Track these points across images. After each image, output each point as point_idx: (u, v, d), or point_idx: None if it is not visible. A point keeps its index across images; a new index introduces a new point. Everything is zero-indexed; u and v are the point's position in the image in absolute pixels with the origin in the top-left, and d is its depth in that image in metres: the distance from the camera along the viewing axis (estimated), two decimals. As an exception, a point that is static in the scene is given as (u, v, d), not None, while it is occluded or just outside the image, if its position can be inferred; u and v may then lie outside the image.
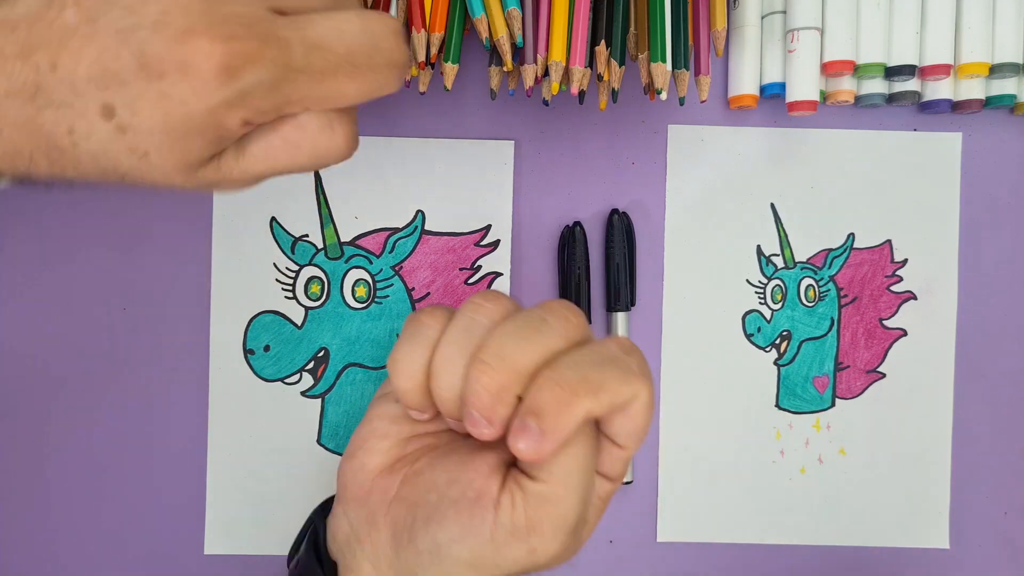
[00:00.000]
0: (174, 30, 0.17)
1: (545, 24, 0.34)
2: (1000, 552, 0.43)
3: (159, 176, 0.19)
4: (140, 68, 0.17)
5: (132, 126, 0.18)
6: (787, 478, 0.43)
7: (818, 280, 0.43)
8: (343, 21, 0.19)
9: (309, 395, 0.42)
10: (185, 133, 0.18)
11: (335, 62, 0.19)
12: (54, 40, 0.18)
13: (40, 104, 0.18)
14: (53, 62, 0.18)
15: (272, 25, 0.18)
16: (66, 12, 0.17)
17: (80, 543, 0.42)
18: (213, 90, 0.17)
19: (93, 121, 0.18)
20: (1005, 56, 0.40)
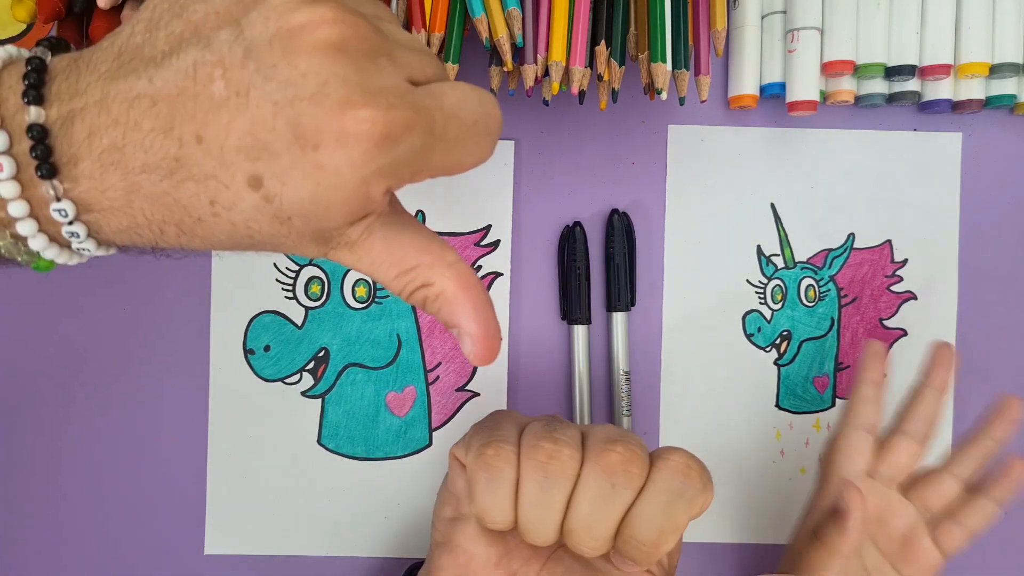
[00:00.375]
0: (334, 101, 0.17)
1: (545, 24, 0.34)
2: (998, 552, 0.43)
3: (292, 244, 0.19)
4: (295, 139, 0.17)
5: (280, 195, 0.18)
6: (787, 478, 0.43)
7: (818, 280, 0.43)
8: (464, 92, 0.20)
9: (309, 395, 0.42)
10: (333, 202, 0.18)
11: (465, 131, 0.20)
12: (200, 113, 0.18)
13: (180, 178, 0.18)
14: (198, 135, 0.18)
15: (416, 96, 0.19)
16: (214, 85, 0.17)
17: (80, 543, 0.42)
18: (371, 158, 0.18)
19: (239, 192, 0.18)
20: (1005, 56, 0.40)
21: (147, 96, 0.18)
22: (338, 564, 0.42)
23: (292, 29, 0.17)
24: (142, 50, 0.18)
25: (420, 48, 0.20)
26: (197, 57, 0.18)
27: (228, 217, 0.18)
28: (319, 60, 0.17)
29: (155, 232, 0.19)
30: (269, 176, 0.18)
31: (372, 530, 0.42)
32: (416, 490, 0.42)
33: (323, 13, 0.17)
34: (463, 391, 0.43)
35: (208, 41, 0.18)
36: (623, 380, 0.42)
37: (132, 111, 0.18)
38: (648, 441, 0.43)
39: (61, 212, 0.18)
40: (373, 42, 0.18)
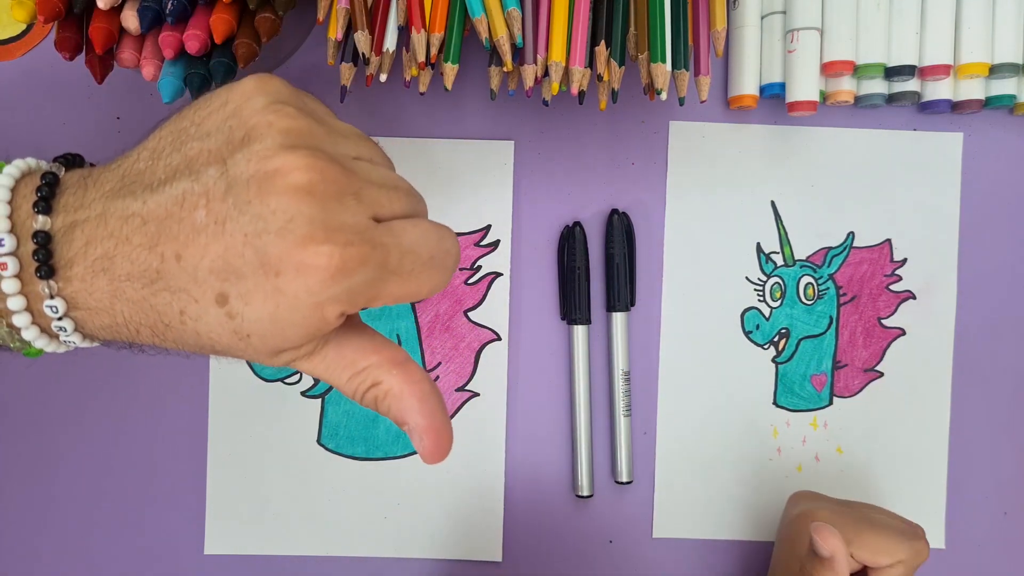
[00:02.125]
0: (297, 236, 0.19)
1: (545, 24, 0.34)
2: (996, 552, 0.43)
3: (251, 355, 0.22)
4: (260, 265, 0.20)
5: (242, 314, 0.20)
6: (784, 476, 0.43)
7: (817, 278, 0.43)
8: (424, 230, 0.22)
9: (309, 395, 0.42)
10: (290, 323, 0.20)
11: (420, 265, 0.22)
12: (182, 235, 0.20)
13: (158, 288, 0.21)
14: (178, 253, 0.20)
15: (375, 232, 0.21)
16: (197, 212, 0.20)
17: (80, 542, 0.42)
18: (326, 287, 0.20)
19: (206, 306, 0.20)
20: (1005, 56, 0.40)
21: (140, 215, 0.21)
22: (338, 564, 0.43)
23: (268, 172, 0.20)
24: (143, 176, 0.21)
25: (392, 185, 0.22)
26: (187, 188, 0.20)
27: (194, 327, 0.21)
28: (288, 200, 0.20)
29: (132, 332, 0.22)
30: (235, 295, 0.20)
31: (372, 530, 0.42)
32: (416, 490, 0.43)
33: (296, 160, 0.20)
34: (463, 391, 0.43)
35: (198, 175, 0.21)
36: (622, 380, 0.42)
37: (125, 227, 0.21)
38: (647, 441, 0.43)
39: (52, 308, 0.21)
40: (340, 184, 0.20)
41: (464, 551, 0.43)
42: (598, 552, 0.43)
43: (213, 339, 0.21)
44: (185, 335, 0.21)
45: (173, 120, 0.22)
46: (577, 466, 0.42)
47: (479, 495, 0.43)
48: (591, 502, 0.43)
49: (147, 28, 0.33)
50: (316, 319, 0.21)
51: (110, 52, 0.34)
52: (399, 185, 0.23)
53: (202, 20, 0.33)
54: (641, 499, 0.43)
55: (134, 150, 0.22)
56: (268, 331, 0.21)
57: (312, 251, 0.19)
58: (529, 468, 0.43)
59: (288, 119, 0.21)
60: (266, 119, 0.21)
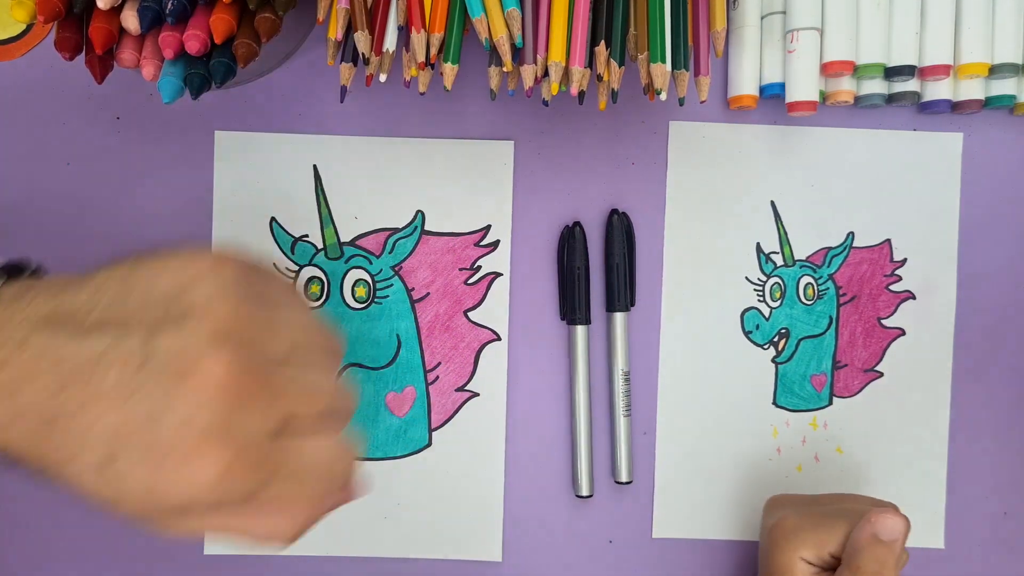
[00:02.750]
0: (192, 433, 0.20)
1: (545, 24, 0.34)
2: (995, 552, 0.43)
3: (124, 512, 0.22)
4: (149, 447, 0.20)
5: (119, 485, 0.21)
6: (783, 476, 0.43)
7: (817, 278, 0.43)
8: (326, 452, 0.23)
9: (309, 395, 0.42)
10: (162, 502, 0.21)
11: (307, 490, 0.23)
12: (88, 390, 0.20)
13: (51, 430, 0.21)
14: (78, 409, 0.20)
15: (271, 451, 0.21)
16: (109, 375, 0.20)
17: (80, 543, 0.42)
18: (200, 489, 0.20)
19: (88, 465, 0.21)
20: (1005, 56, 0.40)
21: (56, 357, 0.20)
22: (338, 564, 0.43)
23: (186, 363, 0.20)
24: (76, 315, 0.21)
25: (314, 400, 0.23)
26: (108, 347, 0.20)
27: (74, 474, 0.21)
28: (194, 396, 0.20)
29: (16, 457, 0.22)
30: (116, 467, 0.20)
31: (372, 530, 0.42)
32: (416, 490, 0.43)
33: (216, 359, 0.20)
34: (463, 391, 0.43)
35: (121, 338, 0.21)
36: (622, 380, 0.42)
37: (38, 363, 0.20)
38: (647, 441, 0.43)
39: None
40: (251, 393, 0.21)
41: (464, 551, 0.43)
42: (598, 552, 0.43)
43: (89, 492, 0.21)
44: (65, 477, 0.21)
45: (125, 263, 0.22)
46: (577, 466, 0.42)
47: (479, 495, 0.43)
48: (591, 502, 0.43)
49: (147, 28, 0.33)
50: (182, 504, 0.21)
51: (110, 52, 0.34)
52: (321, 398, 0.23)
53: (202, 20, 0.33)
54: (641, 499, 0.43)
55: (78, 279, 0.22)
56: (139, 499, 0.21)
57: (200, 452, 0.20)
58: (529, 468, 0.43)
59: (226, 309, 0.21)
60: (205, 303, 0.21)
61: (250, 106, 0.42)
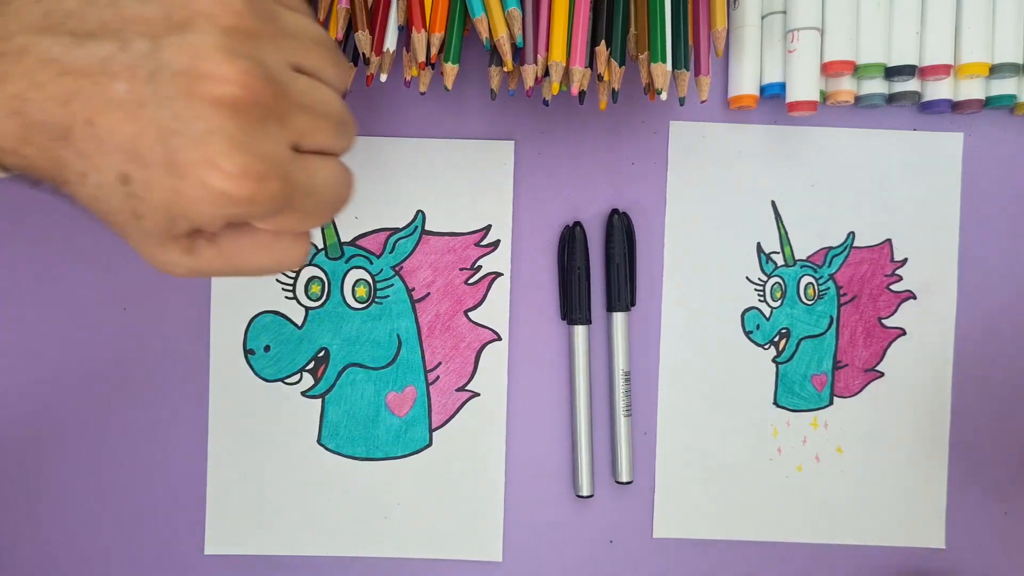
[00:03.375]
0: (210, 152, 0.19)
1: (545, 24, 0.34)
2: (996, 552, 0.43)
3: (137, 236, 0.21)
4: (167, 163, 0.19)
5: (140, 197, 0.20)
6: (784, 476, 0.43)
7: (818, 278, 0.43)
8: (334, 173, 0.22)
9: (309, 395, 0.42)
10: (182, 218, 0.20)
11: (315, 206, 0.22)
12: (97, 101, 0.19)
13: (64, 144, 0.20)
14: (90, 119, 0.19)
15: (291, 167, 0.20)
16: (117, 83, 0.19)
17: (80, 543, 0.42)
18: (224, 207, 0.20)
19: (107, 179, 0.20)
20: (1005, 56, 0.40)
21: (59, 63, 0.19)
22: (338, 564, 0.43)
23: (197, 75, 0.19)
24: (70, 18, 0.20)
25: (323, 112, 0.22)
26: (112, 52, 0.19)
27: (93, 192, 0.20)
28: (210, 111, 0.19)
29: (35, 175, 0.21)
30: (136, 180, 0.20)
31: (372, 530, 0.42)
32: (416, 490, 0.43)
33: (229, 72, 0.19)
34: (463, 391, 0.43)
35: (127, 43, 0.19)
36: (623, 380, 0.42)
37: (42, 72, 0.19)
38: (647, 441, 0.43)
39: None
40: (268, 106, 0.20)
41: (464, 551, 0.43)
42: (598, 552, 0.43)
43: (109, 210, 0.21)
44: (83, 195, 0.21)
45: None
46: (577, 466, 0.42)
47: (479, 494, 0.43)
48: (591, 502, 0.43)
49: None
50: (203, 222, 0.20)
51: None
52: (331, 112, 0.22)
53: (202, 20, 0.33)
54: (641, 499, 0.43)
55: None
56: (160, 219, 0.20)
57: (221, 174, 0.19)
58: (529, 468, 0.43)
59: (233, 15, 0.20)
60: (211, 9, 0.20)
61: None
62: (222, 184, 0.19)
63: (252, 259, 0.22)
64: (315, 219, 0.22)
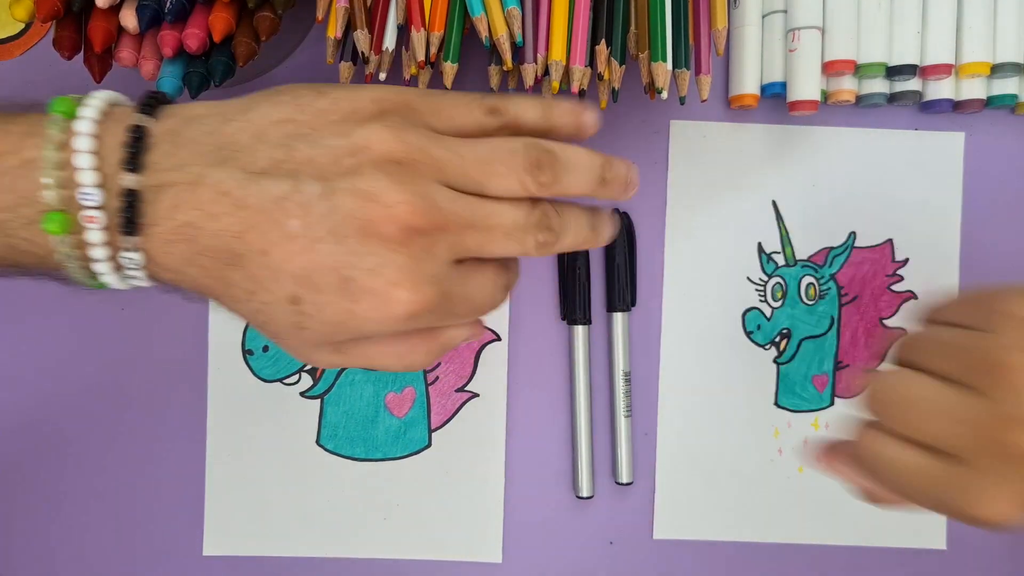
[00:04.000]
0: (384, 280, 0.21)
1: (545, 23, 0.34)
2: (996, 554, 0.43)
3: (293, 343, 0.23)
4: (341, 289, 0.21)
5: (309, 315, 0.21)
6: (785, 477, 0.43)
7: (819, 278, 0.43)
8: (489, 279, 0.24)
9: (308, 395, 0.42)
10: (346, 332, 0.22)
11: (469, 310, 0.23)
12: (272, 235, 0.20)
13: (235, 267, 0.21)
14: (265, 250, 0.21)
15: (451, 281, 0.22)
16: (292, 221, 0.20)
17: (78, 544, 0.42)
18: (393, 323, 0.21)
19: (277, 299, 0.21)
20: (1006, 56, 0.40)
21: (233, 197, 0.20)
22: (337, 565, 0.42)
23: (369, 217, 0.21)
24: (242, 155, 0.21)
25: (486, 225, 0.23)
26: (287, 191, 0.21)
27: (259, 306, 0.22)
28: (383, 247, 0.21)
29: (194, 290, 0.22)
30: (308, 302, 0.21)
31: (371, 531, 0.42)
32: (415, 491, 0.42)
33: (399, 206, 0.21)
34: (462, 392, 0.43)
35: (300, 183, 0.21)
36: (623, 381, 0.42)
37: (216, 205, 0.21)
38: (647, 441, 0.43)
39: (130, 260, 0.21)
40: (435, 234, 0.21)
41: (464, 551, 0.42)
42: (598, 553, 0.43)
43: (272, 321, 0.22)
44: (245, 310, 0.22)
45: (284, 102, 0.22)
46: (577, 466, 0.42)
47: (479, 495, 0.42)
48: (591, 503, 0.43)
49: (146, 27, 0.33)
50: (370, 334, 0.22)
51: (109, 51, 0.34)
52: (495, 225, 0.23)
53: (201, 19, 0.33)
54: (641, 500, 0.43)
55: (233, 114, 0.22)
56: (326, 332, 0.22)
57: (393, 296, 0.21)
58: (529, 468, 0.43)
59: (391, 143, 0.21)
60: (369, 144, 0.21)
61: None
62: (393, 309, 0.21)
63: (386, 361, 0.24)
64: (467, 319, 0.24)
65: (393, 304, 0.21)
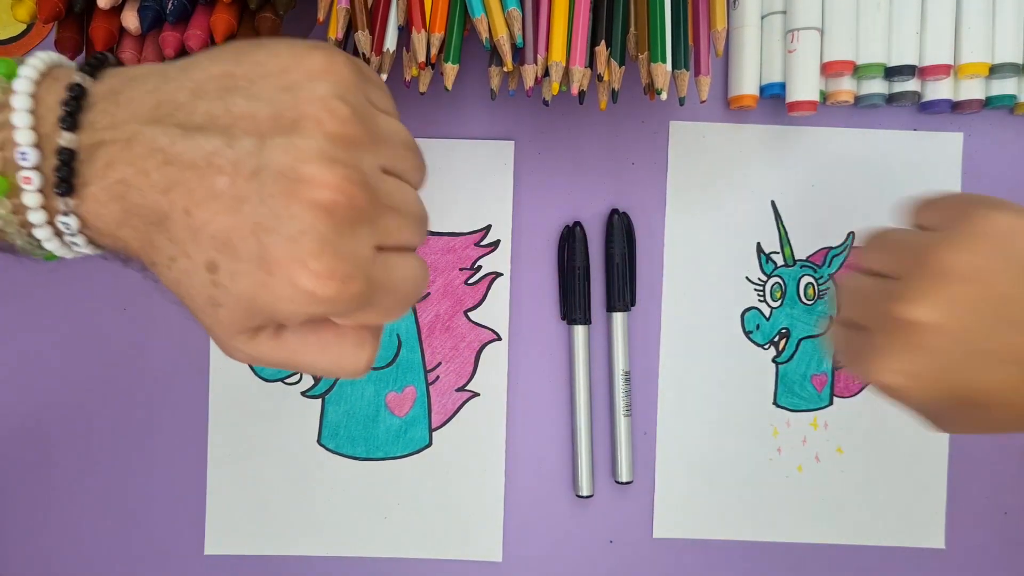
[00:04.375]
0: (303, 250, 0.20)
1: (545, 24, 0.34)
2: (996, 553, 0.43)
3: (210, 323, 0.22)
4: (258, 257, 0.20)
5: (223, 287, 0.20)
6: (784, 476, 0.43)
7: (818, 278, 0.43)
8: (411, 267, 0.23)
9: (309, 395, 0.42)
10: (260, 312, 0.21)
11: (392, 301, 0.22)
12: (198, 193, 0.20)
13: (158, 230, 0.20)
14: (188, 209, 0.20)
15: (373, 268, 0.21)
16: (219, 179, 0.20)
17: (80, 543, 0.42)
18: (307, 305, 0.20)
19: (195, 265, 0.20)
20: (1005, 56, 0.40)
21: (164, 153, 0.20)
22: (338, 564, 0.43)
23: (298, 177, 0.20)
24: (179, 112, 0.21)
25: (408, 212, 0.23)
26: (218, 147, 0.20)
27: (177, 276, 0.21)
28: (307, 213, 0.20)
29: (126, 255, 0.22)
30: (223, 270, 0.20)
31: (372, 530, 0.42)
32: (416, 490, 0.43)
33: (327, 177, 0.20)
34: (463, 391, 0.43)
35: (233, 139, 0.20)
36: (623, 380, 0.42)
37: (148, 160, 0.20)
38: (647, 441, 0.43)
39: (66, 225, 0.21)
40: (361, 211, 0.21)
41: (464, 551, 0.43)
42: (598, 552, 0.43)
43: (190, 294, 0.21)
44: (167, 278, 0.21)
45: (224, 58, 0.21)
46: (577, 466, 0.42)
47: (479, 495, 0.42)
48: (591, 502, 0.43)
49: (147, 28, 0.33)
50: (284, 317, 0.21)
51: (110, 52, 0.34)
52: (414, 211, 0.23)
53: (202, 20, 0.33)
54: (641, 499, 0.43)
55: (174, 73, 0.21)
56: (240, 309, 0.21)
57: (309, 273, 0.20)
58: (529, 468, 0.43)
59: (338, 123, 0.21)
60: (318, 114, 0.20)
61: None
62: (309, 283, 0.20)
63: (311, 358, 0.23)
64: (391, 314, 0.23)
65: (310, 279, 0.20)
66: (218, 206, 0.20)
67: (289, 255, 0.20)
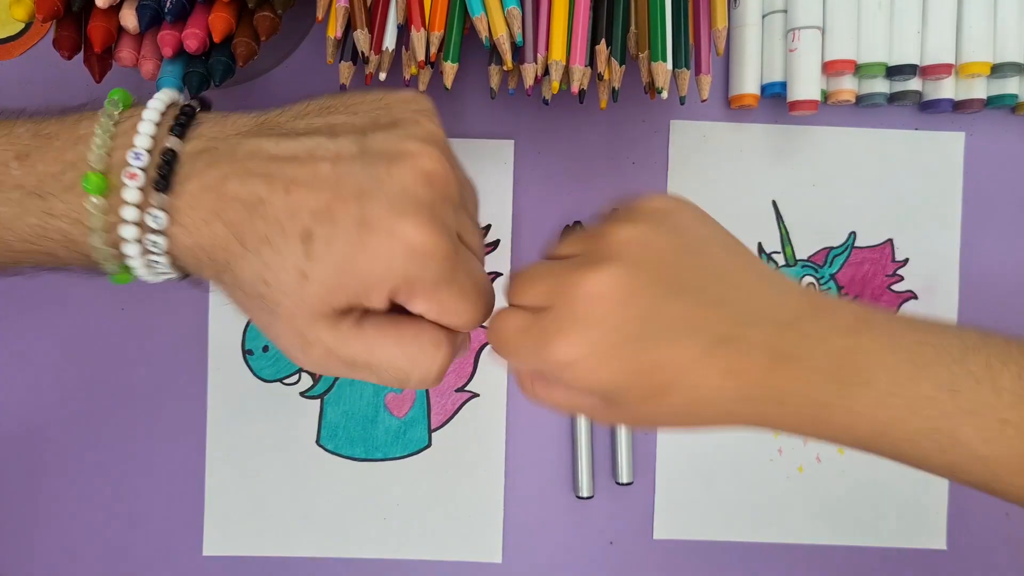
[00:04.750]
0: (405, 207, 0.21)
1: (545, 23, 0.34)
2: (997, 554, 0.43)
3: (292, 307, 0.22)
4: (358, 220, 0.21)
5: (317, 257, 0.21)
6: (785, 476, 0.43)
7: (819, 278, 0.43)
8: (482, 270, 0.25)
9: (308, 395, 0.42)
10: (349, 279, 0.21)
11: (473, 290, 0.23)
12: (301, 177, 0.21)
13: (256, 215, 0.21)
14: (288, 188, 0.21)
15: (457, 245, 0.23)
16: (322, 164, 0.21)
17: (79, 544, 0.42)
18: (402, 262, 0.21)
19: (288, 241, 0.21)
20: (1006, 56, 0.40)
21: (268, 153, 0.22)
22: (338, 565, 0.42)
23: (402, 151, 0.22)
24: (282, 126, 0.23)
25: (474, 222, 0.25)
26: (321, 143, 0.22)
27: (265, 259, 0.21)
28: (412, 178, 0.21)
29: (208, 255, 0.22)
30: (320, 237, 0.21)
31: (371, 531, 0.42)
32: (415, 491, 0.42)
33: (430, 151, 0.22)
34: (462, 392, 0.42)
35: (336, 138, 0.22)
36: (623, 380, 0.42)
37: (250, 161, 0.22)
38: (647, 441, 0.43)
39: (155, 219, 0.21)
40: (452, 190, 0.23)
41: (464, 551, 0.42)
42: (598, 553, 0.43)
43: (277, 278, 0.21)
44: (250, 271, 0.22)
45: (322, 98, 0.24)
46: (577, 466, 0.42)
47: (479, 495, 0.42)
48: (591, 503, 0.43)
49: (146, 27, 0.33)
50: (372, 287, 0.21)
51: (109, 51, 0.34)
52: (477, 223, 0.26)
53: (201, 19, 0.33)
54: (642, 500, 0.43)
55: (276, 109, 0.24)
56: (330, 281, 0.21)
57: (412, 226, 0.21)
58: (529, 469, 0.43)
59: (432, 125, 0.23)
60: (414, 117, 0.23)
61: (249, 105, 0.42)
62: (408, 231, 0.21)
63: (388, 353, 0.23)
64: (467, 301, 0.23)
65: (410, 235, 0.21)
66: (320, 184, 0.21)
67: (390, 211, 0.21)
